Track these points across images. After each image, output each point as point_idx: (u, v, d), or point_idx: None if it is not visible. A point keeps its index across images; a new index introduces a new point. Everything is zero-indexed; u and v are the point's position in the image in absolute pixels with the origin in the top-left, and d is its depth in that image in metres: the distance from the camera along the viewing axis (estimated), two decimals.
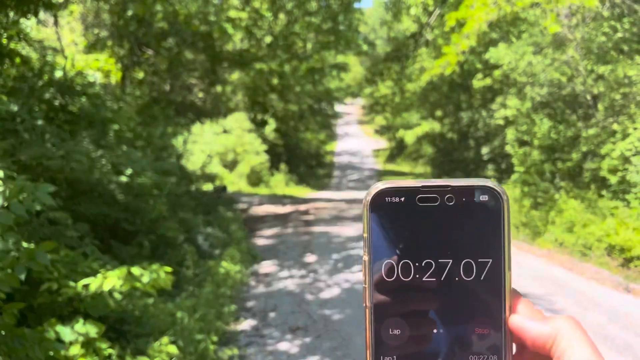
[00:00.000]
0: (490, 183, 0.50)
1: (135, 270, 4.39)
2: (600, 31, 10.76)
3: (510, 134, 13.75)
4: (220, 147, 23.64)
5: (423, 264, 0.49)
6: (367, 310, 0.50)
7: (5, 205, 3.26)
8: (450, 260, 0.50)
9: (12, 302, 3.93)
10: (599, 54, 10.85)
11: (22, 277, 3.33)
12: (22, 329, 3.37)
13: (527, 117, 12.99)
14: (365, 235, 0.50)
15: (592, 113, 11.30)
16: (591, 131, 10.81)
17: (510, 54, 13.00)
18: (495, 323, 0.51)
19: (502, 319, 0.50)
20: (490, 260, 0.50)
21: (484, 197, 0.49)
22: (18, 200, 3.29)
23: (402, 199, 0.50)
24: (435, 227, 0.50)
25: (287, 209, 17.89)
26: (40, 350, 3.40)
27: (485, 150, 17.46)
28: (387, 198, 0.50)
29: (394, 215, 0.50)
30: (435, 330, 0.50)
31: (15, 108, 5.07)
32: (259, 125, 26.28)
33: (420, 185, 0.50)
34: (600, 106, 10.87)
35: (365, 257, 0.50)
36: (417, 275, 0.50)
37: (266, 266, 9.36)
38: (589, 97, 11.31)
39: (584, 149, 10.99)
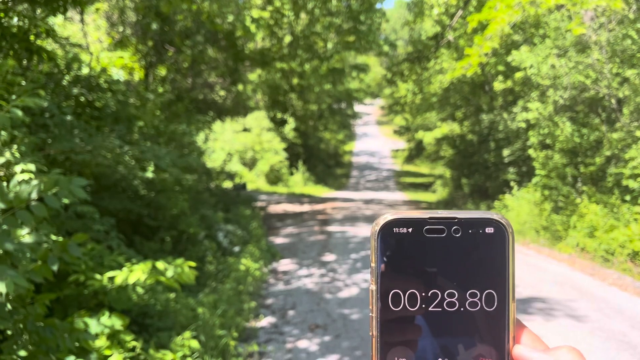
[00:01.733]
0: (496, 216, 0.51)
1: (160, 264, 4.45)
2: (626, 34, 10.63)
3: (532, 136, 13.64)
4: (240, 145, 23.81)
5: (429, 294, 0.50)
6: (373, 339, 0.51)
7: (37, 197, 3.32)
8: (456, 291, 0.50)
9: (39, 293, 4.01)
10: (625, 57, 10.72)
11: (55, 268, 3.39)
12: (53, 320, 3.44)
13: (550, 120, 12.87)
14: (372, 264, 0.51)
15: (617, 117, 11.17)
16: (615, 135, 10.69)
17: (532, 57, 12.89)
18: (499, 353, 0.51)
19: (505, 349, 0.51)
20: (495, 290, 0.50)
21: (489, 230, 0.51)
22: (52, 193, 3.35)
23: (410, 229, 0.51)
24: (441, 258, 0.51)
25: (305, 208, 17.94)
26: (70, 340, 3.46)
27: (506, 152, 17.33)
28: (395, 228, 0.51)
29: (402, 245, 0.51)
30: None
31: (45, 103, 5.17)
32: (279, 124, 26.40)
33: (427, 216, 0.51)
34: (625, 110, 10.74)
35: (373, 287, 0.51)
36: (423, 305, 0.50)
37: (285, 264, 9.41)
38: (613, 100, 11.18)
39: (608, 153, 10.86)
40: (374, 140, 48.06)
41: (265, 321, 6.46)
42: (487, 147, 18.58)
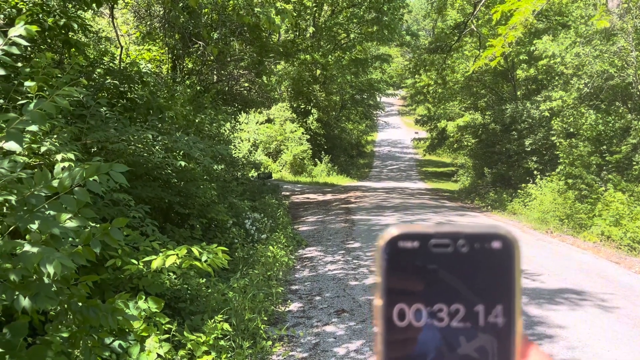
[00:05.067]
0: (503, 230, 0.52)
1: (195, 249, 4.59)
2: None
3: (556, 125, 13.55)
4: (264, 136, 24.05)
5: (435, 309, 0.50)
6: (378, 354, 0.50)
7: (80, 183, 3.46)
8: (462, 306, 0.50)
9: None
10: None
11: (98, 250, 3.53)
12: (96, 300, 3.60)
13: (574, 108, 12.78)
14: (378, 279, 0.51)
15: None
16: None
17: (555, 46, 12.79)
18: None
19: None
20: (502, 305, 0.50)
21: (496, 244, 0.50)
22: (94, 179, 3.48)
23: (415, 244, 0.50)
24: (447, 273, 0.50)
25: (328, 197, 18.08)
26: (112, 320, 3.62)
27: (528, 141, 17.22)
28: (400, 243, 0.50)
29: (407, 260, 0.50)
30: None
31: (81, 95, 5.35)
32: (302, 115, 26.54)
33: (433, 231, 0.50)
34: None
35: (378, 302, 0.50)
36: (429, 320, 0.50)
37: (310, 251, 9.56)
38: None
39: (634, 141, 10.76)
40: (396, 130, 47.97)
41: (293, 306, 6.61)
42: (509, 136, 18.47)
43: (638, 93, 11.16)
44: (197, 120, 8.29)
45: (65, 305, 3.51)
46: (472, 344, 0.50)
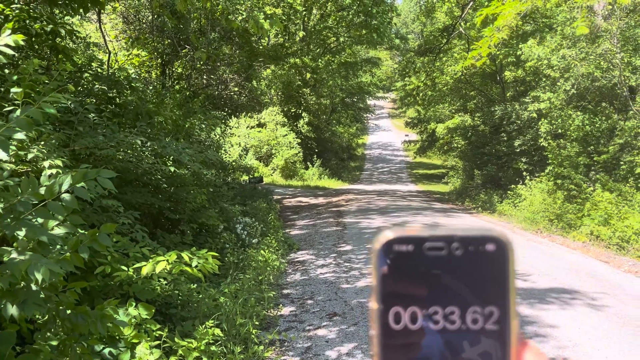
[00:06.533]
0: (496, 233, 0.52)
1: (185, 255, 4.57)
2: (639, 22, 10.61)
3: (544, 126, 13.65)
4: (255, 140, 24.04)
5: (430, 312, 0.50)
6: (375, 357, 0.51)
7: (67, 190, 3.44)
8: (457, 308, 0.50)
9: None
10: (637, 45, 10.71)
11: (86, 257, 3.51)
12: (85, 307, 3.57)
13: (561, 109, 12.88)
14: (373, 283, 0.51)
15: (630, 105, 11.16)
16: (628, 123, 10.70)
17: (541, 50, 12.90)
18: None
19: None
20: (496, 308, 0.51)
21: (490, 247, 0.51)
22: (81, 185, 3.45)
23: (410, 247, 0.51)
24: (442, 276, 0.51)
25: (320, 200, 18.08)
26: (102, 326, 3.59)
27: (517, 143, 17.34)
28: (395, 246, 0.51)
29: (402, 263, 0.50)
30: None
31: (69, 102, 5.32)
32: (293, 119, 26.56)
33: (427, 234, 0.51)
34: (638, 98, 10.74)
35: (374, 305, 0.51)
36: (425, 323, 0.50)
37: (302, 255, 9.56)
38: (625, 89, 11.17)
39: (621, 141, 10.87)
40: (387, 133, 48.12)
41: (285, 310, 6.60)
42: (499, 137, 18.59)
43: (624, 94, 11.26)
44: (186, 125, 8.28)
45: (54, 313, 3.48)
46: (476, 349, 0.50)
